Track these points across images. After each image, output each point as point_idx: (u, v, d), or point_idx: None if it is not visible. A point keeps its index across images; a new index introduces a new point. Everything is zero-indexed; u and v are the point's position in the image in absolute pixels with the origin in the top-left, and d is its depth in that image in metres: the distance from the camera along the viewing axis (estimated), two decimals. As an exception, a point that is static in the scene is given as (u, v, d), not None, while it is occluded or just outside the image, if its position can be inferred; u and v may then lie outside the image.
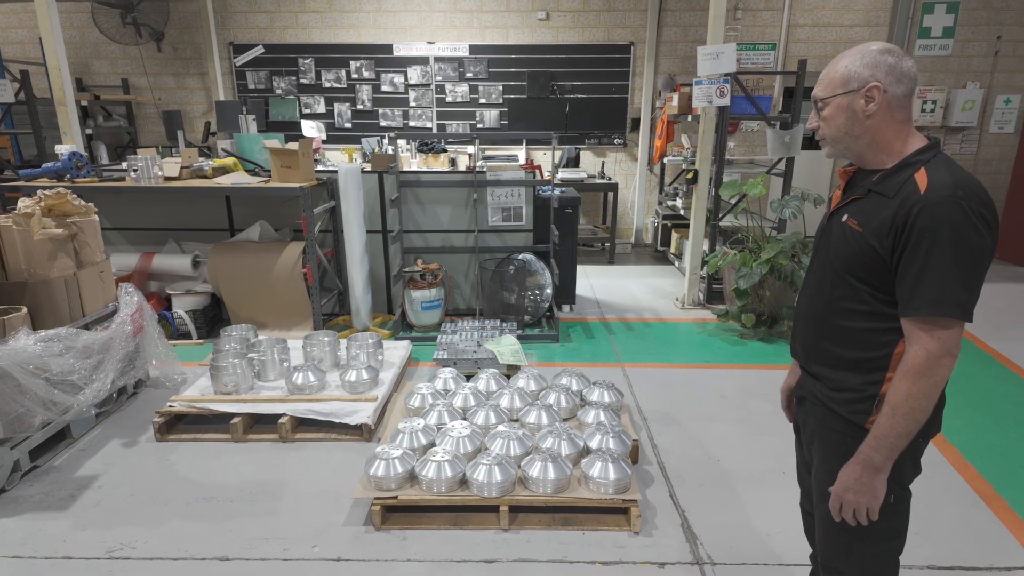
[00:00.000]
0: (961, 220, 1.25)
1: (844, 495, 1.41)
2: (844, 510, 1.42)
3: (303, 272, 4.30)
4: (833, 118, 1.40)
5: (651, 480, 2.82)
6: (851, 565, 1.54)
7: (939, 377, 1.30)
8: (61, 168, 4.22)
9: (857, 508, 1.40)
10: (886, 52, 1.34)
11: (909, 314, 1.31)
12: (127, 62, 7.37)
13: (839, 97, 1.37)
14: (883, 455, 1.35)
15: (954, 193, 1.26)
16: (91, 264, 3.36)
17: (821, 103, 1.42)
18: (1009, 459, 2.99)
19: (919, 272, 1.28)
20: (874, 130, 1.37)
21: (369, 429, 3.15)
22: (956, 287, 1.26)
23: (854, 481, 1.39)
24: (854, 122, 1.37)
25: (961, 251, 1.25)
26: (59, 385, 2.85)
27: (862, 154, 1.42)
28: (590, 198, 7.64)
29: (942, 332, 1.28)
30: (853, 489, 1.39)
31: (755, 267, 4.35)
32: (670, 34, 7.20)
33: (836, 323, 1.45)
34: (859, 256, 1.37)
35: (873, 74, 1.33)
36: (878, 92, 1.33)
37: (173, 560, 2.32)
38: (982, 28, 7.13)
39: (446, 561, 2.31)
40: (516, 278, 4.72)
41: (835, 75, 1.38)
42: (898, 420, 1.32)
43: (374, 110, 7.36)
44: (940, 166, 1.32)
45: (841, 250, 1.42)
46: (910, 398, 1.31)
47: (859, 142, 1.40)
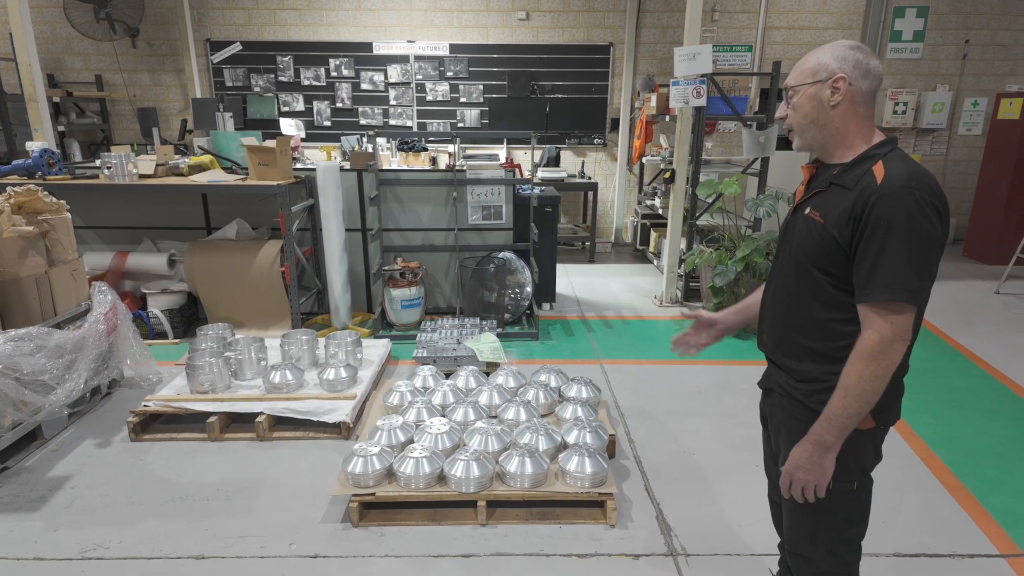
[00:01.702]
0: (914, 210, 1.30)
1: (795, 473, 1.46)
2: (793, 488, 1.47)
3: (281, 271, 4.27)
4: (801, 106, 1.45)
5: (627, 474, 2.86)
6: (816, 550, 1.59)
7: (890, 361, 1.35)
8: (32, 165, 4.14)
9: (806, 486, 1.45)
10: (855, 48, 1.41)
11: (864, 299, 1.36)
12: (101, 58, 7.25)
13: (808, 86, 1.43)
14: (833, 435, 1.40)
15: (908, 184, 1.31)
16: (63, 262, 3.31)
17: (791, 91, 1.47)
18: (972, 450, 3.08)
19: (874, 259, 1.33)
20: (838, 121, 1.42)
21: (347, 427, 3.15)
22: (908, 274, 1.30)
23: (805, 459, 1.43)
24: (820, 111, 1.43)
25: (914, 239, 1.30)
26: (30, 385, 2.81)
27: (825, 145, 1.47)
28: (570, 197, 7.68)
29: (895, 316, 1.33)
30: (803, 467, 1.44)
31: (731, 265, 4.43)
32: (649, 35, 7.27)
33: (801, 315, 1.50)
34: (821, 247, 1.41)
35: (841, 66, 1.39)
36: (844, 83, 1.39)
37: (147, 560, 2.31)
38: (951, 32, 7.32)
39: (423, 556, 2.33)
40: (496, 276, 4.74)
41: (806, 65, 1.44)
42: (850, 401, 1.37)
43: (354, 108, 7.33)
44: (896, 159, 1.37)
45: (804, 243, 1.47)
46: (862, 380, 1.35)
47: (823, 132, 1.45)
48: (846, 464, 1.50)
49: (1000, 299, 5.52)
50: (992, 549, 2.38)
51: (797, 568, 1.66)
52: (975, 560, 2.33)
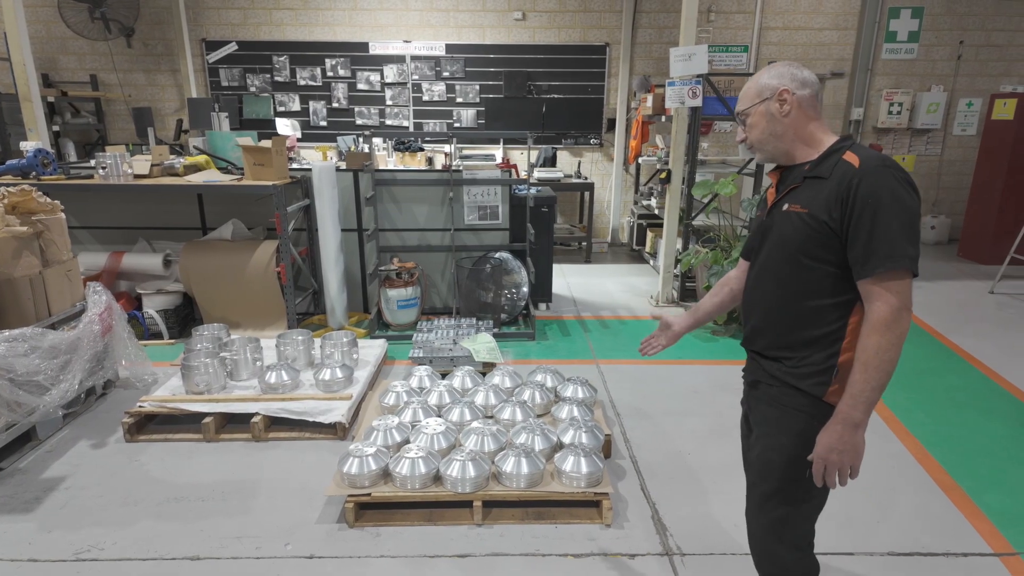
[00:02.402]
0: (895, 185, 1.39)
1: (828, 456, 1.47)
2: (828, 473, 1.48)
3: (277, 271, 4.27)
4: (756, 124, 1.59)
5: (623, 474, 2.87)
6: (783, 547, 1.66)
7: (902, 329, 1.40)
8: (26, 165, 4.13)
9: (841, 468, 1.46)
10: (787, 65, 1.58)
11: (866, 274, 1.41)
12: (96, 58, 7.23)
13: (757, 106, 1.57)
14: (861, 411, 1.43)
15: (884, 163, 1.41)
16: (58, 263, 3.30)
17: (744, 115, 1.61)
18: (967, 450, 3.09)
19: (869, 234, 1.40)
20: (794, 126, 1.55)
21: (343, 427, 3.15)
22: (903, 243, 1.38)
23: (837, 441, 1.45)
24: (774, 123, 1.56)
25: (901, 212, 1.38)
26: (24, 386, 2.80)
27: (788, 150, 1.58)
28: (567, 197, 7.69)
29: (899, 285, 1.39)
30: (837, 449, 1.45)
31: (726, 265, 4.44)
32: (645, 35, 7.28)
33: (795, 306, 1.54)
34: (812, 236, 1.47)
35: (780, 82, 1.55)
36: (788, 95, 1.53)
37: (142, 561, 2.30)
38: (945, 33, 7.35)
39: (419, 556, 2.33)
40: (492, 277, 4.74)
41: (750, 90, 1.59)
42: (871, 374, 1.40)
43: (350, 108, 7.32)
44: (861, 148, 1.48)
45: (789, 235, 1.52)
46: (880, 351, 1.39)
47: (784, 140, 1.57)
48: None
49: (994, 299, 5.55)
50: (986, 548, 2.39)
51: (767, 571, 1.72)
52: (969, 559, 2.34)
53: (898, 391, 3.67)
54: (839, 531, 2.48)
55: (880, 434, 3.21)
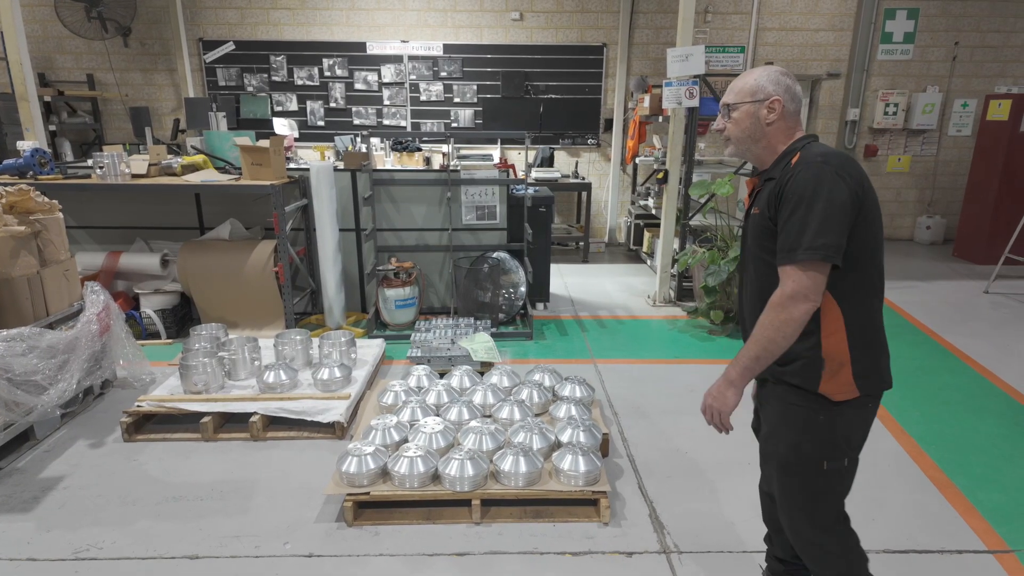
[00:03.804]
0: (820, 177, 1.46)
1: (705, 399, 1.68)
2: (705, 413, 1.69)
3: (275, 271, 4.27)
4: (740, 121, 1.63)
5: (621, 472, 2.88)
6: (816, 530, 1.73)
7: (788, 315, 1.49)
8: (23, 165, 4.12)
9: (712, 412, 1.66)
10: (785, 75, 1.61)
11: (778, 263, 1.53)
12: (92, 57, 7.21)
13: (748, 104, 1.61)
14: (737, 372, 1.58)
15: (814, 160, 1.49)
16: (55, 262, 3.30)
17: (731, 108, 1.65)
18: (961, 448, 3.12)
19: (783, 226, 1.51)
20: (770, 136, 1.62)
21: (342, 427, 3.15)
22: (810, 233, 1.44)
23: (714, 389, 1.65)
24: (756, 127, 1.62)
25: (817, 202, 1.45)
26: (22, 386, 2.79)
27: (759, 156, 1.66)
28: (564, 198, 7.70)
29: (798, 275, 1.47)
30: (712, 395, 1.65)
31: (723, 265, 4.45)
32: (642, 36, 7.30)
33: (767, 298, 1.59)
34: (765, 232, 1.58)
35: (775, 90, 1.59)
36: (779, 105, 1.59)
37: (141, 560, 2.31)
38: (941, 34, 7.38)
39: (418, 555, 2.34)
40: (490, 276, 4.75)
41: (745, 86, 1.62)
42: (751, 345, 1.55)
43: (347, 108, 7.32)
44: (813, 147, 1.56)
45: (755, 234, 1.64)
46: (762, 327, 1.53)
47: (757, 145, 1.64)
48: (836, 442, 1.61)
49: (989, 299, 5.58)
50: (980, 545, 2.41)
51: (810, 556, 1.76)
52: (963, 556, 2.36)
53: (893, 389, 3.69)
54: (835, 529, 2.49)
55: (875, 431, 3.23)
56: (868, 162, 7.81)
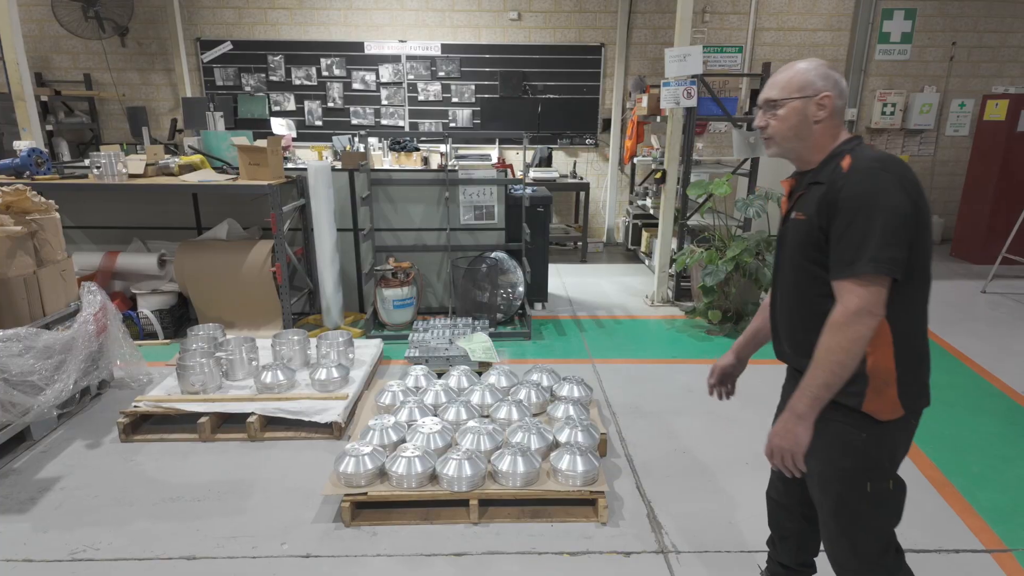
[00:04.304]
0: (879, 185, 1.37)
1: (772, 439, 1.52)
2: (774, 456, 1.52)
3: (272, 271, 4.26)
4: (786, 118, 1.52)
5: (618, 472, 2.88)
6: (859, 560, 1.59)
7: (855, 333, 1.38)
8: (20, 164, 4.11)
9: (783, 454, 1.49)
10: (833, 69, 1.51)
11: (834, 276, 1.43)
12: (89, 57, 7.20)
13: (795, 100, 1.50)
14: (805, 404, 1.44)
15: (871, 165, 1.40)
16: (52, 263, 3.29)
17: (777, 104, 1.53)
18: (959, 447, 3.12)
19: (840, 237, 1.40)
20: (817, 134, 1.51)
21: (339, 427, 3.15)
22: (871, 245, 1.35)
23: (781, 427, 1.49)
24: (803, 125, 1.51)
25: (877, 213, 1.36)
26: (18, 386, 2.79)
27: (802, 155, 1.55)
28: (562, 197, 7.70)
29: (860, 289, 1.37)
30: (780, 435, 1.49)
31: (721, 265, 4.46)
32: (640, 36, 7.30)
33: (810, 312, 1.53)
34: (811, 240, 1.48)
35: (826, 85, 1.48)
36: (829, 101, 1.48)
37: (138, 560, 2.30)
38: (938, 34, 7.39)
39: (416, 555, 2.33)
40: (488, 276, 4.75)
41: (793, 81, 1.50)
42: (819, 372, 1.42)
43: (345, 108, 7.31)
44: (863, 150, 1.46)
45: (797, 241, 1.54)
46: (828, 351, 1.41)
47: (803, 144, 1.53)
48: (880, 462, 1.52)
49: (986, 298, 5.59)
50: (978, 544, 2.41)
51: None
52: (961, 555, 2.36)
53: (891, 390, 3.70)
54: (833, 528, 2.49)
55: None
56: (866, 162, 7.81)
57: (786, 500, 1.87)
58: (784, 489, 1.86)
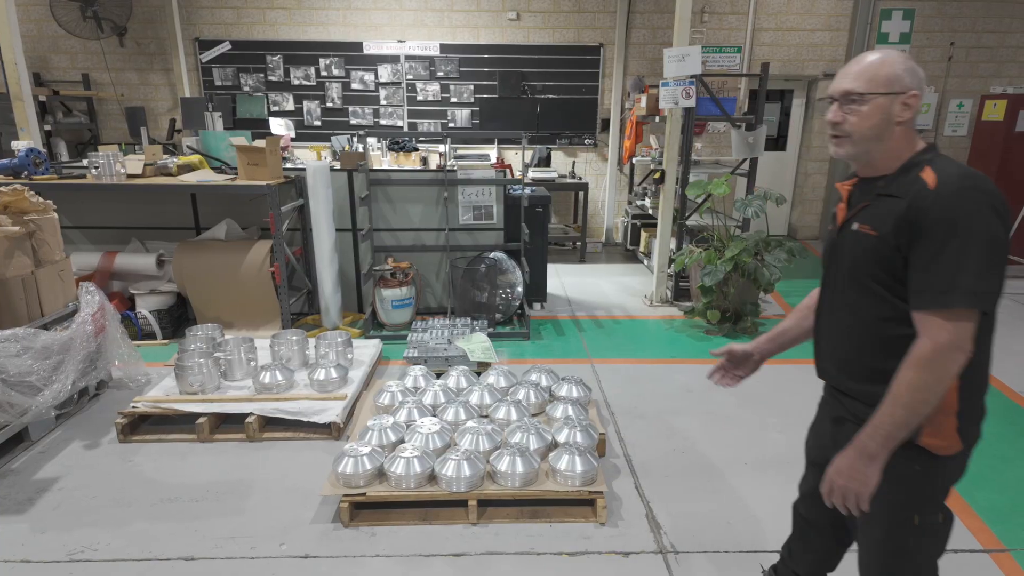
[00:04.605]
0: (972, 210, 1.24)
1: (835, 479, 1.39)
2: (834, 495, 1.40)
3: (271, 271, 4.26)
4: (869, 116, 1.35)
5: (617, 472, 2.88)
6: None
7: (945, 371, 1.27)
8: (18, 164, 4.10)
9: (847, 495, 1.37)
10: (915, 61, 1.36)
11: (919, 307, 1.29)
12: (88, 57, 7.19)
13: (881, 97, 1.34)
14: (878, 443, 1.32)
15: (963, 184, 1.26)
16: (50, 263, 3.29)
17: (859, 99, 1.35)
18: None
19: (928, 263, 1.27)
20: (897, 136, 1.37)
21: (338, 427, 3.15)
22: (967, 276, 1.24)
23: (847, 467, 1.36)
24: (886, 125, 1.35)
25: (971, 241, 1.24)
26: (16, 386, 2.78)
27: (874, 159, 1.40)
28: (561, 198, 7.71)
29: (952, 324, 1.26)
30: (845, 475, 1.37)
31: (720, 265, 4.46)
32: (639, 36, 7.31)
33: (869, 336, 1.41)
34: (880, 260, 1.35)
35: (913, 81, 1.33)
36: (916, 101, 1.34)
37: (136, 561, 2.30)
38: (936, 34, 7.40)
39: (414, 556, 2.33)
40: (487, 276, 4.75)
41: (879, 73, 1.33)
42: (898, 410, 1.30)
43: (344, 108, 7.31)
44: (944, 162, 1.34)
45: (859, 257, 1.40)
46: (913, 389, 1.29)
47: (880, 146, 1.38)
48: (933, 496, 1.43)
49: (985, 298, 5.59)
50: (976, 544, 2.41)
51: None
52: (959, 555, 2.36)
53: (890, 390, 3.70)
54: (831, 528, 2.50)
55: (872, 432, 3.24)
56: (864, 162, 7.82)
57: (816, 519, 1.76)
58: (817, 510, 1.73)
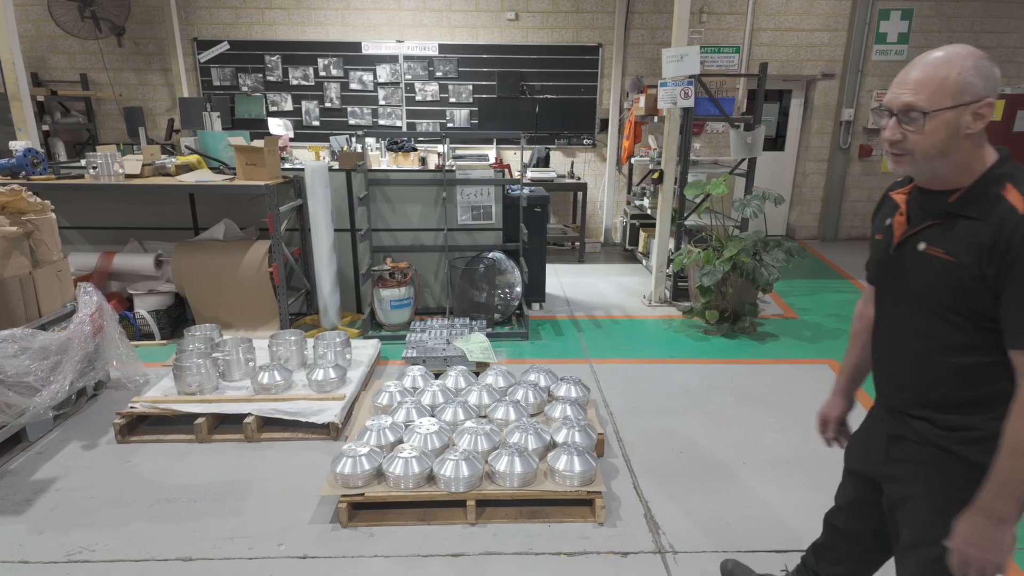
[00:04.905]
0: None
1: (967, 551, 1.24)
2: (969, 567, 1.25)
3: (269, 271, 4.25)
4: (934, 132, 1.18)
5: (616, 472, 2.88)
6: None
7: None
8: (16, 165, 4.10)
9: (984, 566, 1.24)
10: (986, 59, 1.18)
11: (1018, 346, 1.18)
12: (86, 57, 7.18)
13: (948, 111, 1.16)
14: (1008, 503, 1.19)
15: None
16: (48, 263, 3.28)
17: (922, 115, 1.18)
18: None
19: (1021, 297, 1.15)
20: (965, 150, 1.20)
21: (336, 428, 3.14)
22: None
23: (979, 536, 1.22)
24: (953, 140, 1.18)
25: None
26: (14, 387, 2.78)
27: (940, 175, 1.25)
28: (560, 198, 7.71)
29: None
30: (977, 545, 1.23)
31: (718, 265, 4.46)
32: (637, 36, 7.31)
33: (939, 361, 1.30)
34: (958, 288, 1.23)
35: (986, 86, 1.16)
36: (989, 110, 1.17)
37: (134, 562, 2.29)
38: (935, 35, 7.41)
39: (413, 556, 2.33)
40: (486, 276, 4.75)
41: (946, 82, 1.15)
42: (1018, 463, 1.18)
43: (342, 108, 7.31)
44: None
45: (931, 283, 1.27)
46: None
47: (947, 161, 1.21)
48: None
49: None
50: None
51: None
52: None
53: (888, 389, 3.70)
54: (829, 528, 2.50)
55: (870, 432, 3.24)
56: (863, 162, 7.84)
57: (853, 532, 1.66)
58: (856, 523, 1.65)
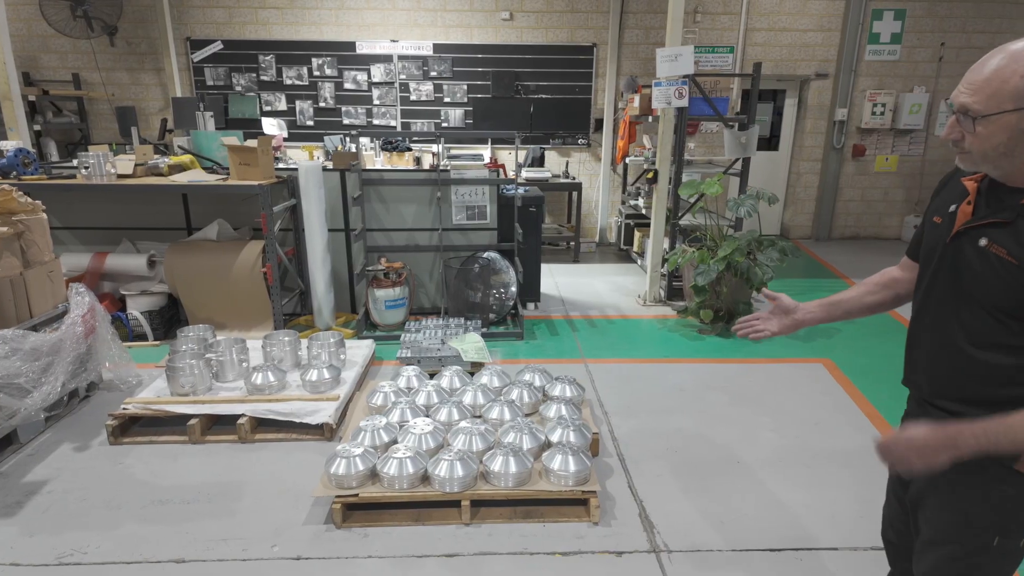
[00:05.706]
0: None
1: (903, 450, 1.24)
2: (891, 456, 1.26)
3: (263, 271, 4.24)
4: (992, 135, 1.16)
5: (611, 472, 2.88)
6: None
7: None
8: (6, 165, 4.07)
9: (904, 464, 1.24)
10: None
11: None
12: (78, 56, 7.14)
13: (1009, 114, 1.12)
14: (975, 447, 1.17)
15: None
16: (39, 264, 3.26)
17: (980, 118, 1.16)
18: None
19: None
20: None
21: (330, 428, 3.13)
22: None
23: (922, 444, 1.21)
24: (1015, 141, 1.15)
25: None
26: (5, 388, 2.76)
27: (1007, 174, 1.22)
28: (555, 197, 7.70)
29: None
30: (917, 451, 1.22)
31: (712, 264, 4.47)
32: (632, 36, 7.32)
33: (980, 359, 1.27)
34: (1015, 290, 1.19)
35: None
36: None
37: (127, 564, 2.28)
38: (927, 35, 7.45)
39: (407, 556, 2.32)
40: (481, 276, 4.74)
41: (1006, 86, 1.12)
42: (1015, 435, 1.16)
43: (337, 108, 7.29)
44: None
45: (988, 281, 1.23)
46: None
47: (1012, 161, 1.19)
48: (1020, 519, 1.32)
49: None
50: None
51: None
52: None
53: (881, 386, 3.72)
54: (823, 526, 2.51)
55: (868, 430, 3.25)
56: (856, 162, 7.87)
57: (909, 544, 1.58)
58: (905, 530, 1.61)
